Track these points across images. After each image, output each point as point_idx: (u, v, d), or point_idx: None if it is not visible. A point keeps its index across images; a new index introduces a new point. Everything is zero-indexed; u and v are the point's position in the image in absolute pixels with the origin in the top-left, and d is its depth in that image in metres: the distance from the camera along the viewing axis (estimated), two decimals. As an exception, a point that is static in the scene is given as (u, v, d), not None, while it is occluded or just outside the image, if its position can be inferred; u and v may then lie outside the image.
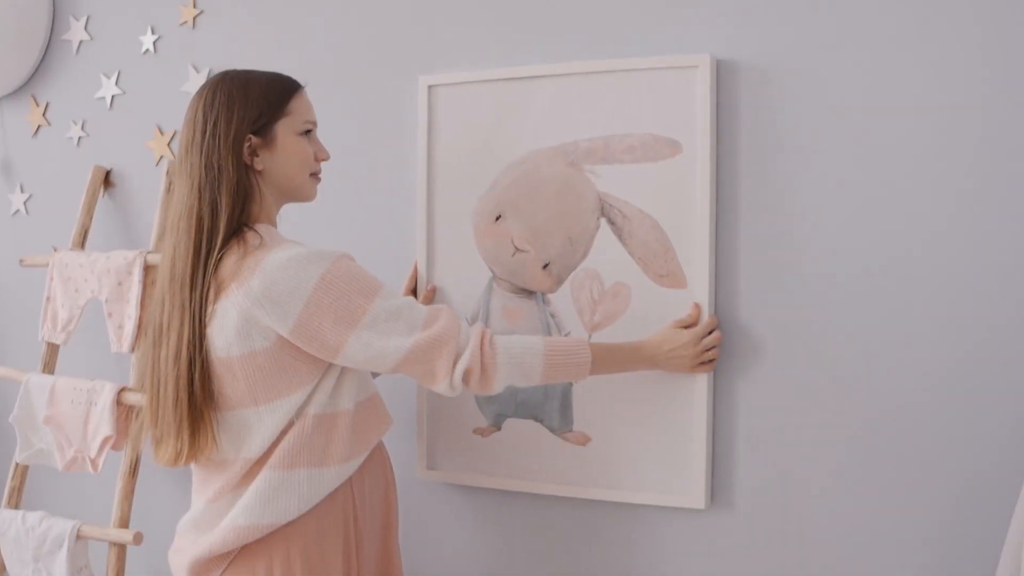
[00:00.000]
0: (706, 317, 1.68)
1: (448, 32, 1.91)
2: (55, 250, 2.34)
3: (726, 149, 1.68)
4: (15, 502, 2.21)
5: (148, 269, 2.10)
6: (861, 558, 1.64)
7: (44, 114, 2.37)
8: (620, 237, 1.75)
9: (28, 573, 2.07)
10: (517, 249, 1.84)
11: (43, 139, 2.39)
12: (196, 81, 2.16)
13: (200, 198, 1.51)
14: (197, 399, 1.50)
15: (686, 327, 1.67)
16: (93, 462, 2.07)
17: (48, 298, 2.21)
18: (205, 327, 1.49)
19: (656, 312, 1.72)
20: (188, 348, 1.49)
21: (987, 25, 1.52)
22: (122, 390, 2.06)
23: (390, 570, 1.70)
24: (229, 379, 1.50)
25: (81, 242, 2.24)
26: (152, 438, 1.59)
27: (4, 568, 2.16)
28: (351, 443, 1.57)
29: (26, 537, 2.07)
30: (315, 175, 1.63)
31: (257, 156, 1.54)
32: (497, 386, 1.56)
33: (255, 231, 1.52)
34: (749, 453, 1.70)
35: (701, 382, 1.69)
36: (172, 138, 2.21)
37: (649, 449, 1.75)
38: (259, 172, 1.55)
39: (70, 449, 2.10)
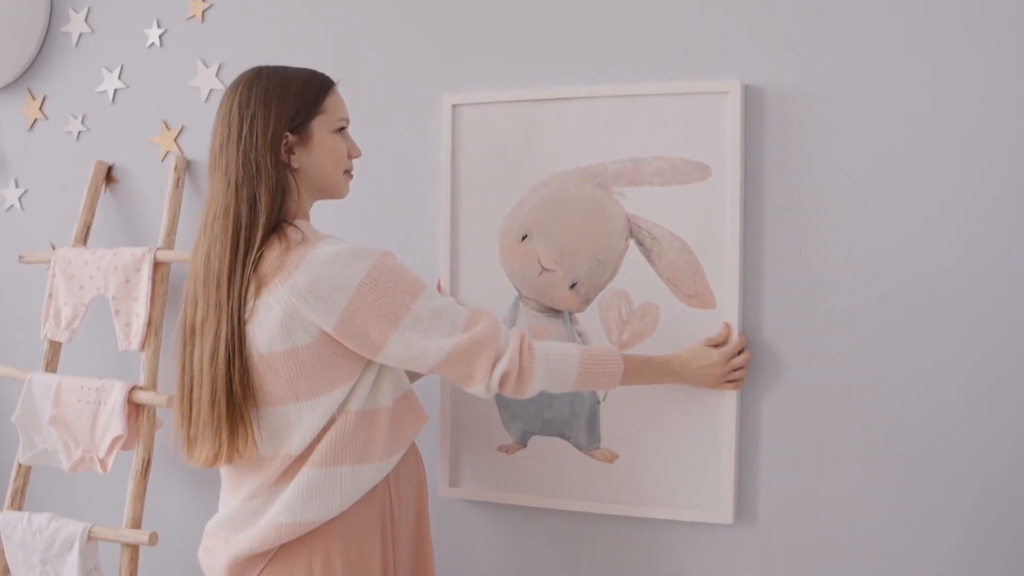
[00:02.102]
0: (735, 337, 1.71)
1: (475, 52, 1.91)
2: (53, 247, 2.29)
3: (752, 172, 1.71)
4: (18, 504, 2.14)
5: (157, 266, 2.07)
6: (884, 572, 1.68)
7: (41, 108, 2.32)
8: (649, 258, 1.77)
9: (35, 576, 2.02)
10: (544, 269, 1.85)
11: (39, 133, 2.33)
12: (206, 76, 2.14)
13: (238, 196, 1.49)
14: (237, 397, 1.48)
15: (715, 345, 1.71)
16: (102, 462, 2.03)
17: (50, 295, 2.16)
18: (244, 324, 1.47)
19: (685, 332, 1.74)
20: (226, 346, 1.47)
21: (1010, 48, 1.57)
22: (133, 389, 2.02)
23: (424, 568, 1.70)
24: (270, 376, 1.49)
25: (83, 238, 2.20)
26: (184, 439, 1.56)
27: (7, 571, 2.10)
28: (390, 440, 1.57)
29: (33, 539, 2.02)
30: (348, 172, 1.62)
31: (293, 154, 1.53)
32: (531, 390, 1.56)
33: (295, 227, 1.51)
34: (773, 469, 1.74)
35: (729, 399, 1.72)
36: (179, 133, 2.18)
37: (677, 465, 1.78)
38: (295, 169, 1.54)
39: (77, 449, 2.06)
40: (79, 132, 2.28)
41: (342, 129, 1.60)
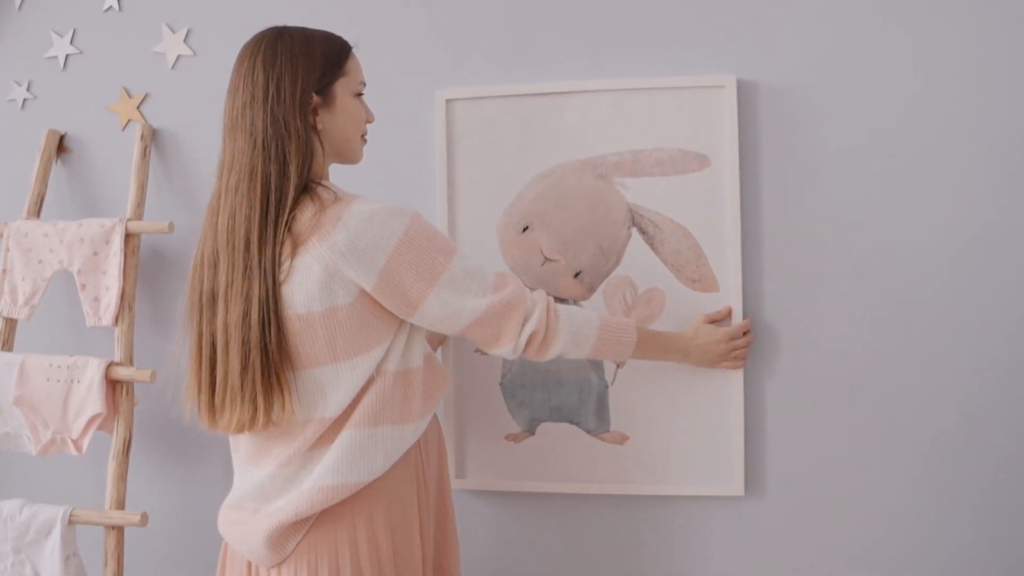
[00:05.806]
0: (739, 318, 1.82)
1: (468, 47, 1.94)
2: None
3: (749, 162, 1.83)
4: (-22, 491, 2.03)
5: (129, 237, 2.00)
6: (880, 536, 1.84)
7: (-24, 72, 2.17)
8: (652, 245, 1.85)
9: (6, 567, 1.92)
10: (547, 259, 1.89)
11: (-25, 100, 2.18)
12: (172, 41, 2.07)
13: (265, 156, 1.48)
14: (273, 360, 1.47)
15: (715, 322, 1.83)
16: (76, 444, 1.95)
17: (4, 271, 2.04)
18: (280, 285, 1.46)
19: (690, 316, 1.83)
20: (260, 308, 1.45)
21: (999, 43, 1.76)
22: (110, 365, 1.95)
23: (446, 525, 1.75)
24: (308, 336, 1.48)
25: (36, 211, 2.08)
26: (205, 407, 1.53)
27: (-28, 563, 1.99)
28: (424, 400, 1.60)
29: (4, 527, 1.92)
30: (363, 137, 1.64)
31: (317, 115, 1.53)
32: (552, 352, 1.63)
33: (324, 186, 1.52)
34: (778, 443, 1.86)
35: (736, 378, 1.83)
36: (142, 101, 2.10)
37: (687, 443, 1.86)
38: (319, 131, 1.54)
39: (46, 431, 1.97)
40: (24, 100, 2.15)
41: (360, 94, 1.61)
